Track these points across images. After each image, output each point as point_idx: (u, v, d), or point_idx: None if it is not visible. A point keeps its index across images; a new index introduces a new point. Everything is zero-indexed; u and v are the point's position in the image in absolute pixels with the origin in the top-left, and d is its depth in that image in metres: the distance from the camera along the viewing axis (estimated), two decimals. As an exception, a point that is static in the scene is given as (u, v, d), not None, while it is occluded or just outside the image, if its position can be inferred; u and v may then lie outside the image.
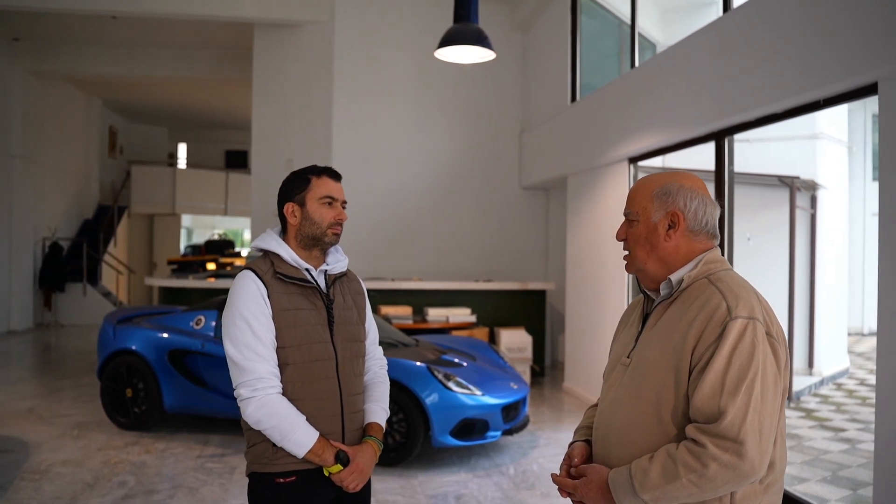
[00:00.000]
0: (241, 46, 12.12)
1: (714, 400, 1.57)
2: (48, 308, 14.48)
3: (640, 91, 6.45)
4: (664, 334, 1.72)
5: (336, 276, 2.34)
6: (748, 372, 1.57)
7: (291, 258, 2.23)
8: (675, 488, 1.58)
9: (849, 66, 3.79)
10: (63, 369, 9.58)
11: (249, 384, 2.10)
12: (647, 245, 1.79)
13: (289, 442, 2.11)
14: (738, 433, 1.54)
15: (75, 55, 13.04)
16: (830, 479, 5.63)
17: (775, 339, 1.65)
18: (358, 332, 2.37)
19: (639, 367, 1.75)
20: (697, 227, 1.77)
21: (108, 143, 18.01)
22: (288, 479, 2.16)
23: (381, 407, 2.42)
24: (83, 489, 4.81)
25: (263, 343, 2.12)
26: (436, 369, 5.40)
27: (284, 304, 2.17)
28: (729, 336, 1.59)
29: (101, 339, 6.59)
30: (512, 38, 10.27)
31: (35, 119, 13.77)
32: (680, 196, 1.77)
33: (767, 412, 1.58)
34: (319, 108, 9.87)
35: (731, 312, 1.61)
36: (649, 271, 1.80)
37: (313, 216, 2.24)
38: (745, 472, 1.54)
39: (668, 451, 1.62)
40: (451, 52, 5.95)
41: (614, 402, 1.80)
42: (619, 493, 1.66)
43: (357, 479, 2.20)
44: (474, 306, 8.73)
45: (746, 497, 1.63)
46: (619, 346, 1.92)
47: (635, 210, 1.82)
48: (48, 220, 14.63)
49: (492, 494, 4.87)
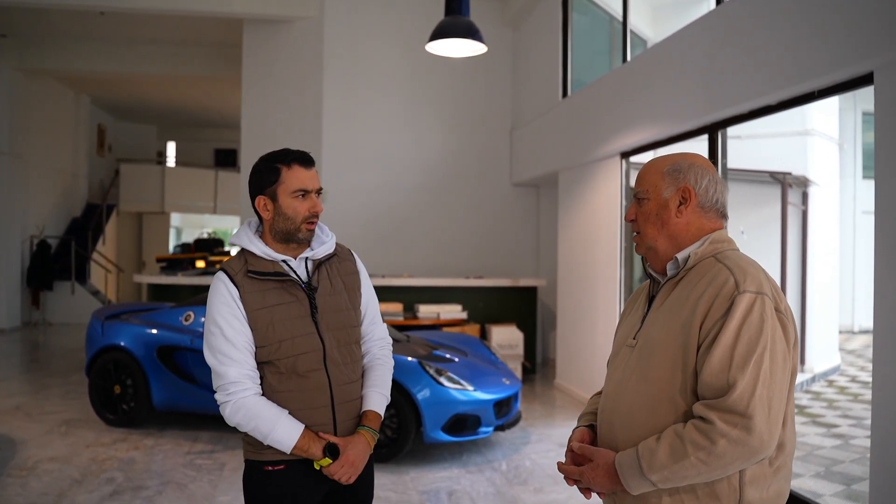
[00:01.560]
0: (230, 44, 12.03)
1: (723, 374, 1.55)
2: (36, 306, 14.36)
3: (631, 85, 6.43)
4: (671, 313, 1.69)
5: (321, 260, 2.24)
6: (757, 346, 1.55)
7: (264, 253, 2.16)
8: (684, 467, 1.55)
9: (843, 57, 3.77)
10: (51, 367, 9.48)
11: (224, 388, 2.09)
12: (657, 222, 1.77)
13: (271, 441, 2.09)
14: (746, 407, 1.51)
15: (63, 52, 12.92)
16: (824, 475, 5.63)
17: (784, 315, 1.62)
18: (348, 318, 2.26)
19: (645, 347, 1.73)
20: (708, 205, 1.76)
21: (96, 142, 17.87)
22: (277, 468, 2.14)
23: (380, 392, 2.31)
24: (70, 485, 4.75)
25: (236, 346, 2.09)
26: (427, 364, 5.36)
27: (258, 302, 2.11)
28: (737, 310, 1.57)
29: (89, 336, 6.51)
30: (503, 35, 10.24)
31: (22, 116, 13.64)
32: (691, 172, 1.76)
33: (777, 387, 1.56)
34: (309, 104, 9.81)
35: (738, 287, 1.59)
36: (660, 249, 1.77)
37: (286, 211, 2.14)
38: (754, 448, 1.52)
39: (675, 430, 1.59)
40: (442, 45, 5.90)
41: (620, 383, 1.77)
42: (627, 475, 1.63)
43: (349, 471, 2.14)
44: (465, 303, 8.69)
45: (756, 478, 1.60)
46: (625, 329, 1.89)
47: (645, 188, 1.79)
48: (36, 218, 14.50)
49: (484, 490, 4.83)
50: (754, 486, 1.60)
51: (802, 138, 9.74)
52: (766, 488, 1.62)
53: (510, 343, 8.37)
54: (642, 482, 1.61)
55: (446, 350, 6.02)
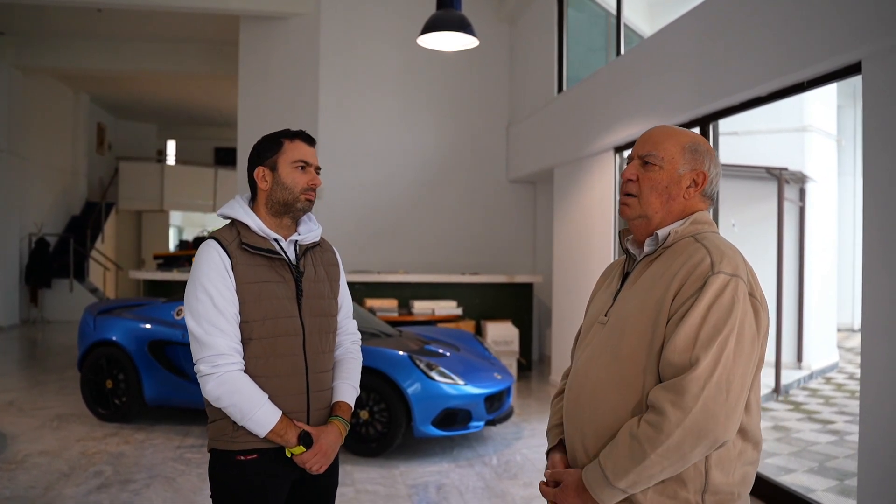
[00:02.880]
0: (228, 41, 12.02)
1: (686, 353, 1.53)
2: (34, 304, 14.37)
3: (625, 79, 6.41)
4: (645, 290, 1.67)
5: (308, 247, 2.23)
6: (724, 327, 1.53)
7: (259, 228, 2.12)
8: (647, 467, 1.53)
9: (832, 46, 3.75)
10: (47, 363, 9.48)
11: (209, 360, 2.01)
12: (665, 194, 1.72)
13: (249, 421, 2.02)
14: (702, 388, 1.49)
15: (61, 49, 12.93)
16: (817, 470, 5.59)
17: (758, 302, 1.61)
18: (329, 307, 2.26)
19: (617, 324, 1.70)
20: (709, 194, 1.76)
21: (96, 140, 17.89)
22: (249, 457, 2.08)
23: (351, 385, 2.32)
24: (59, 478, 4.73)
25: (225, 317, 2.02)
26: (418, 358, 5.33)
27: (250, 276, 2.07)
28: (709, 290, 1.55)
29: (82, 331, 6.50)
30: (499, 31, 10.22)
31: (22, 114, 13.65)
32: (707, 158, 1.74)
33: (739, 371, 1.54)
34: (305, 101, 9.79)
35: (714, 267, 1.58)
36: (654, 220, 1.73)
37: (285, 181, 2.13)
38: (708, 430, 1.50)
39: (629, 430, 1.58)
40: (433, 38, 5.88)
41: (588, 360, 1.75)
42: (596, 489, 1.60)
43: (321, 461, 2.12)
44: (461, 299, 8.67)
45: (721, 462, 1.59)
46: (596, 306, 1.86)
47: (662, 155, 1.72)
48: (34, 215, 14.51)
49: (473, 484, 4.80)
50: (720, 469, 1.59)
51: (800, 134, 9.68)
52: (732, 472, 1.61)
53: (505, 339, 8.34)
54: (613, 492, 1.58)
55: (438, 345, 6.00)
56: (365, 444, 5.31)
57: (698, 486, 1.58)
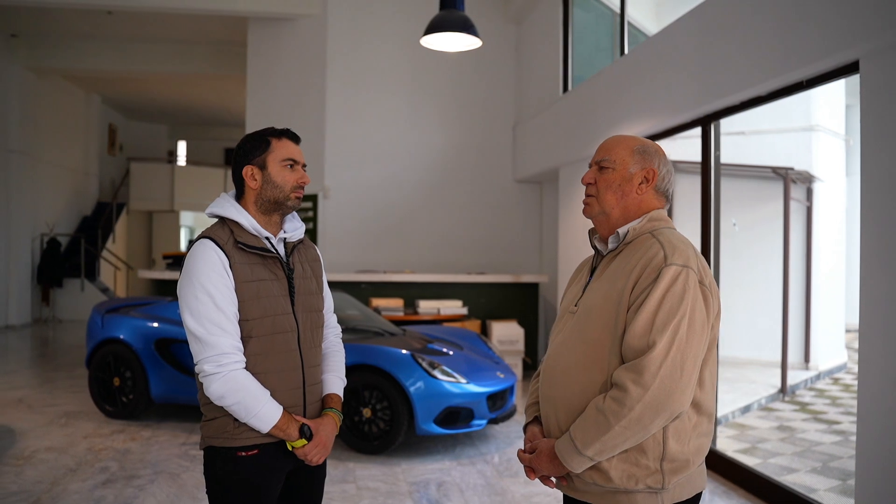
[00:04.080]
0: (236, 42, 12.11)
1: (644, 337, 1.73)
2: (46, 303, 14.51)
3: (628, 79, 6.42)
4: (609, 282, 1.88)
5: (294, 244, 2.27)
6: (677, 313, 1.73)
7: (252, 226, 2.14)
8: (612, 437, 1.73)
9: (830, 45, 3.75)
10: (57, 361, 9.59)
11: (213, 360, 2.02)
12: (619, 192, 1.94)
13: (254, 418, 2.04)
14: (659, 367, 1.69)
15: (72, 51, 13.06)
16: (820, 470, 5.58)
17: (707, 289, 1.81)
18: (317, 302, 2.31)
19: (585, 313, 1.90)
20: (661, 189, 1.97)
21: (107, 141, 18.04)
22: (250, 453, 2.11)
23: (339, 377, 2.38)
24: (65, 474, 4.80)
25: (227, 316, 2.04)
26: (420, 357, 5.36)
27: (247, 275, 2.09)
28: (663, 280, 1.75)
29: (90, 329, 6.58)
30: (506, 31, 10.24)
31: (33, 115, 13.79)
32: (656, 158, 1.97)
33: (691, 352, 1.74)
34: (313, 101, 9.85)
35: (667, 260, 1.78)
36: (612, 216, 1.95)
37: (275, 179, 2.15)
38: (665, 405, 1.70)
39: (596, 405, 1.77)
40: (436, 39, 5.92)
41: (561, 345, 1.95)
42: (566, 457, 1.81)
43: (320, 452, 2.17)
44: (467, 299, 8.70)
45: (678, 433, 1.79)
46: (568, 297, 2.07)
47: (613, 158, 1.96)
48: (46, 216, 14.65)
49: (474, 482, 4.83)
50: (676, 439, 1.78)
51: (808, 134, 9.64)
52: (687, 442, 1.81)
53: (511, 339, 8.36)
54: (581, 460, 1.79)
55: (442, 344, 6.03)
56: (367, 441, 5.35)
57: (657, 454, 1.77)
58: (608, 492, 1.82)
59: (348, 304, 6.75)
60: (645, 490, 1.79)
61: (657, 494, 1.80)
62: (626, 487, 1.79)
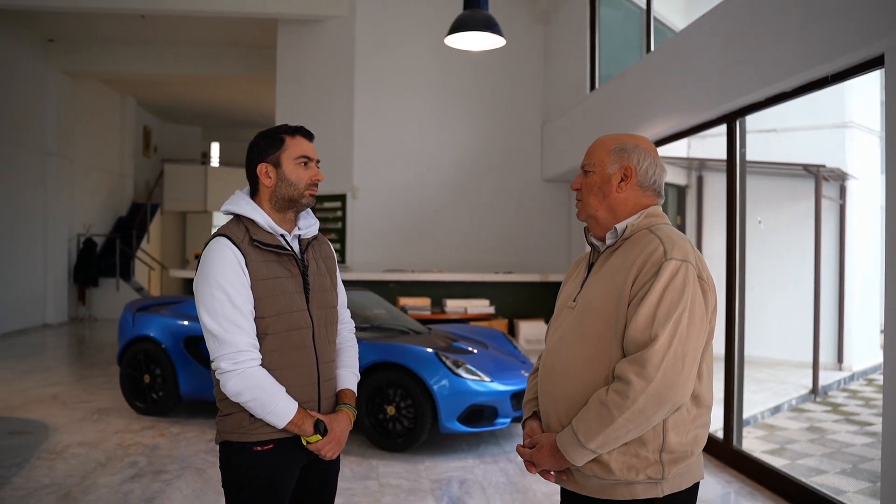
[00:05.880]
0: (266, 44, 12.26)
1: (647, 330, 1.75)
2: (82, 302, 14.80)
3: (654, 77, 6.37)
4: (608, 277, 1.89)
5: (308, 241, 2.29)
6: (678, 306, 1.75)
7: (267, 224, 2.16)
8: (615, 429, 1.74)
9: (854, 40, 3.69)
10: (92, 359, 9.79)
11: (230, 357, 2.04)
12: (599, 194, 1.96)
13: (270, 414, 2.07)
14: (661, 360, 1.71)
15: (107, 55, 13.32)
16: (850, 472, 5.49)
17: (706, 283, 1.83)
18: (331, 298, 2.33)
19: (583, 308, 1.92)
20: (646, 184, 1.96)
21: (142, 143, 18.36)
22: (266, 448, 2.14)
23: (353, 372, 2.40)
24: (95, 468, 4.91)
25: (243, 314, 2.06)
26: (444, 355, 5.38)
27: (263, 272, 2.11)
28: (663, 275, 1.77)
29: (121, 327, 6.71)
30: (533, 31, 10.22)
31: (70, 118, 14.08)
32: (634, 154, 1.96)
33: (692, 344, 1.76)
34: (341, 102, 9.93)
35: (666, 254, 1.80)
36: (600, 218, 1.97)
37: (290, 177, 2.17)
38: (668, 397, 1.72)
39: (598, 398, 1.78)
40: (460, 38, 5.93)
41: (560, 340, 1.96)
42: (569, 450, 1.82)
43: (335, 447, 2.19)
44: (494, 298, 8.70)
45: (677, 425, 1.82)
46: (566, 293, 2.08)
47: (592, 161, 1.99)
48: (83, 217, 14.95)
49: (496, 480, 4.84)
50: (675, 431, 1.81)
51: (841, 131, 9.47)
52: (686, 434, 1.84)
53: (538, 338, 8.35)
54: (584, 453, 1.80)
55: (467, 342, 6.04)
56: (391, 439, 5.38)
57: (657, 445, 1.80)
58: (608, 484, 1.84)
59: (374, 303, 6.80)
60: (645, 481, 1.82)
61: (657, 484, 1.83)
62: (626, 479, 1.81)
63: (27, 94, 12.71)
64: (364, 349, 5.52)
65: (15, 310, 12.42)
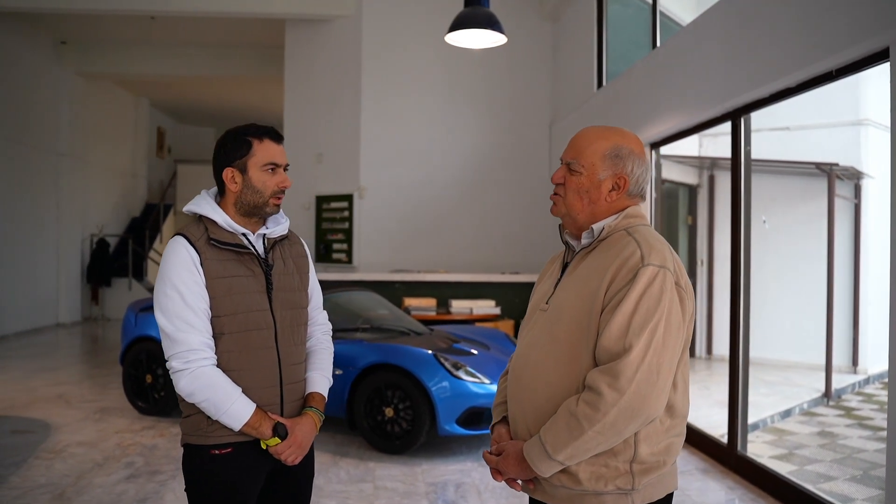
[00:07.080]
0: (275, 45, 12.25)
1: (620, 339, 1.66)
2: (95, 302, 14.89)
3: (659, 74, 6.27)
4: (582, 280, 1.81)
5: (276, 240, 2.24)
6: (654, 315, 1.66)
7: (226, 223, 2.12)
8: (584, 442, 1.67)
9: (858, 33, 3.59)
10: (101, 359, 9.83)
11: (182, 356, 2.01)
12: (586, 197, 1.85)
13: (224, 415, 2.03)
14: (635, 372, 1.63)
15: (118, 56, 13.38)
16: (860, 478, 5.35)
17: (683, 290, 1.75)
18: (299, 299, 2.27)
19: (555, 311, 1.83)
20: (635, 192, 1.88)
21: (156, 143, 18.45)
22: (224, 451, 2.09)
23: (324, 375, 2.33)
24: (92, 468, 4.90)
25: (196, 313, 2.02)
26: (443, 357, 5.31)
27: (219, 271, 2.07)
28: (640, 281, 1.68)
29: (124, 327, 6.71)
30: (542, 28, 10.13)
31: (83, 119, 14.17)
32: (629, 161, 1.85)
33: (667, 355, 1.68)
34: (348, 101, 9.89)
35: (643, 260, 1.70)
36: (579, 220, 1.87)
37: (255, 184, 2.13)
38: (640, 410, 1.64)
39: (568, 408, 1.70)
40: (461, 36, 5.86)
41: (530, 344, 1.89)
42: (536, 461, 1.74)
43: (295, 452, 2.13)
44: (500, 299, 8.61)
45: (649, 436, 1.74)
46: (539, 294, 1.99)
47: (582, 163, 1.85)
48: (96, 217, 15.05)
49: (493, 484, 4.76)
50: (647, 443, 1.73)
51: (856, 128, 9.30)
52: (657, 444, 1.76)
53: (544, 339, 8.24)
54: (551, 464, 1.73)
55: (468, 343, 5.97)
56: (389, 441, 5.32)
57: (627, 457, 1.73)
58: (576, 494, 1.77)
59: (377, 304, 6.75)
60: (615, 491, 1.74)
61: (627, 495, 1.75)
62: (595, 489, 1.74)
63: (40, 96, 12.80)
64: (363, 350, 5.52)
65: (29, 309, 12.50)
